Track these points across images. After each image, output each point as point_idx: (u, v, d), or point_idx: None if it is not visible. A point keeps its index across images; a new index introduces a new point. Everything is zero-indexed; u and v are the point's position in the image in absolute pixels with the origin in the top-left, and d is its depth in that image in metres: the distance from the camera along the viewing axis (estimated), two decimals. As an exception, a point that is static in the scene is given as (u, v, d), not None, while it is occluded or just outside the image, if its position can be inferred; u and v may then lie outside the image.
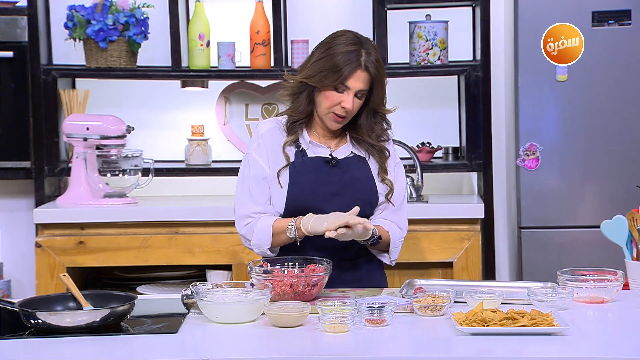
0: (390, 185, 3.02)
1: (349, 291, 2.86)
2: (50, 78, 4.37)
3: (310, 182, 2.95)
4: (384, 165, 3.02)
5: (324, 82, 2.90)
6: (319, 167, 2.97)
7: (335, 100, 2.91)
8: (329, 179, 2.97)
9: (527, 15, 4.17)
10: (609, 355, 2.29)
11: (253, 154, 3.01)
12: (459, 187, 4.65)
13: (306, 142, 3.00)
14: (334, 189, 2.96)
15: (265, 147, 2.99)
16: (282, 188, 2.95)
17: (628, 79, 4.16)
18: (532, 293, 2.67)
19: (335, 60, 2.89)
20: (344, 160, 3.00)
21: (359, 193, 2.98)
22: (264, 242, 2.94)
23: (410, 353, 2.36)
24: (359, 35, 2.96)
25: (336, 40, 2.93)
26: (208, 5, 4.48)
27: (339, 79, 2.88)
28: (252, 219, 2.97)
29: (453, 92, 4.61)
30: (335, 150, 3.02)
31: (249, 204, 2.98)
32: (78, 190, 4.29)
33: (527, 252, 4.21)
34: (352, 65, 2.88)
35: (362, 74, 2.89)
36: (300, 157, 2.98)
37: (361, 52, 2.90)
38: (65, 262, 4.16)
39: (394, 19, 4.45)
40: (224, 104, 4.63)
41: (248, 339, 2.46)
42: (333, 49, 2.91)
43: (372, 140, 3.01)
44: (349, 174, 2.99)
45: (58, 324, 2.45)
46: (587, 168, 4.19)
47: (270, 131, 3.01)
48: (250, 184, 2.99)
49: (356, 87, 2.90)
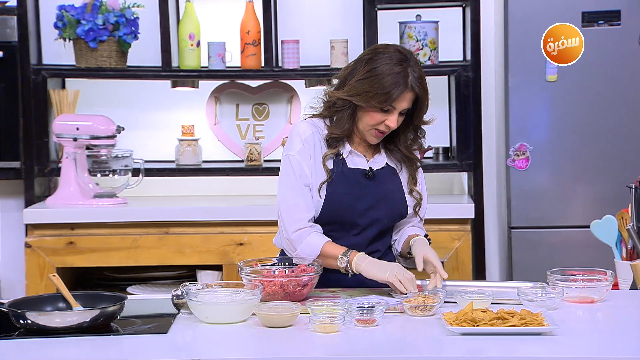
0: (418, 198, 3.00)
1: (339, 291, 2.86)
2: (40, 78, 4.36)
3: (348, 194, 2.93)
4: (415, 176, 3.00)
5: (370, 102, 2.85)
6: (357, 180, 2.95)
7: (379, 119, 2.88)
8: (365, 192, 2.95)
9: (518, 16, 4.18)
10: (598, 355, 2.30)
11: (297, 156, 2.93)
12: (449, 187, 4.66)
13: (347, 151, 2.97)
14: (369, 203, 2.94)
15: (309, 152, 2.94)
16: (321, 199, 2.93)
17: (618, 79, 4.17)
18: (522, 293, 2.67)
19: (383, 82, 2.83)
20: (379, 171, 2.98)
21: (391, 207, 2.97)
22: (307, 256, 2.89)
23: (400, 353, 2.36)
24: (403, 51, 2.90)
25: (381, 59, 2.86)
26: (198, 5, 4.48)
27: (387, 101, 2.84)
28: (304, 229, 2.91)
29: (443, 93, 4.62)
30: (371, 160, 2.99)
31: (302, 209, 2.91)
32: (68, 190, 4.28)
33: (517, 252, 4.22)
34: (401, 88, 2.83)
35: (408, 95, 2.86)
36: (340, 167, 2.95)
37: (407, 72, 2.84)
38: (55, 262, 4.15)
39: (385, 19, 4.45)
40: (214, 104, 4.63)
41: (238, 339, 2.45)
42: (379, 70, 2.84)
43: (405, 151, 2.98)
44: (383, 186, 2.97)
45: (48, 324, 2.45)
46: (577, 168, 4.21)
47: (313, 136, 2.95)
48: (298, 187, 2.93)
49: (402, 107, 2.87)
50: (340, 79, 2.95)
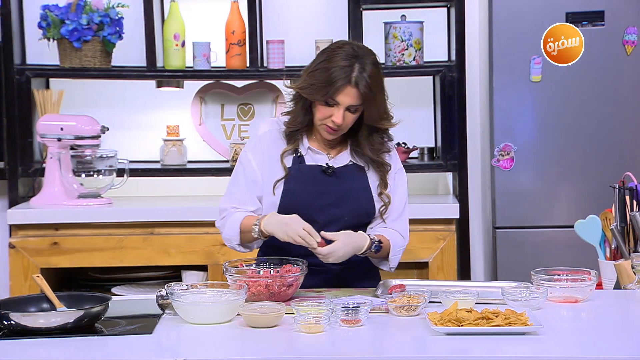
0: (387, 202, 2.99)
1: (324, 291, 2.86)
2: (24, 78, 4.34)
3: (304, 192, 2.93)
4: (385, 179, 2.99)
5: (314, 95, 2.86)
6: (315, 177, 2.95)
7: (326, 114, 2.88)
8: (324, 189, 2.94)
9: (502, 16, 4.19)
10: (582, 354, 2.30)
11: (248, 154, 2.98)
12: (434, 187, 4.66)
13: (305, 148, 2.97)
14: (328, 200, 2.94)
15: (262, 150, 2.96)
16: (275, 196, 2.93)
17: (601, 80, 4.19)
18: (506, 293, 2.68)
19: (327, 75, 2.84)
20: (342, 169, 2.97)
21: (355, 204, 2.96)
22: (233, 237, 2.92)
23: (385, 353, 2.36)
24: (359, 49, 2.89)
25: (334, 53, 2.87)
26: (183, 5, 4.47)
27: (328, 93, 2.84)
28: (228, 213, 2.95)
29: (428, 93, 4.63)
30: (334, 157, 2.98)
31: (230, 200, 2.97)
32: (52, 190, 4.27)
33: (501, 252, 4.23)
34: (342, 81, 2.83)
35: (351, 90, 2.84)
36: (298, 164, 2.95)
37: (354, 68, 2.84)
38: (39, 263, 4.13)
39: (369, 19, 4.46)
40: (199, 104, 4.62)
41: (223, 339, 2.45)
42: (327, 62, 2.86)
43: (371, 154, 2.97)
44: (345, 184, 2.96)
45: (31, 325, 2.44)
46: (561, 168, 4.22)
47: (270, 134, 2.97)
48: (238, 181, 2.98)
49: (346, 102, 2.86)
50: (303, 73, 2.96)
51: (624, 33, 4.17)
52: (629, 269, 2.86)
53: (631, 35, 4.17)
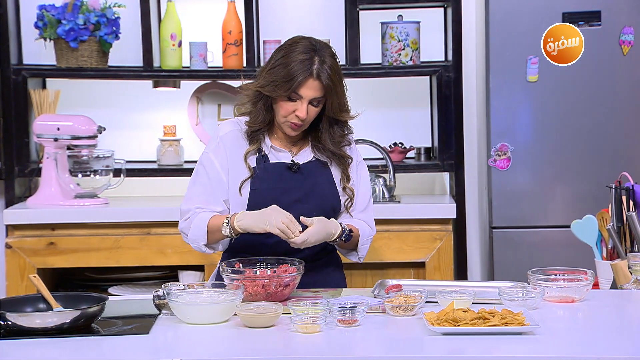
0: (351, 195, 3.00)
1: (321, 291, 2.86)
2: (21, 78, 4.34)
3: (271, 189, 2.93)
4: (347, 172, 3.00)
5: (276, 91, 2.86)
6: (280, 174, 2.95)
7: (289, 110, 2.88)
8: (291, 185, 2.95)
9: (499, 16, 4.19)
10: (578, 354, 2.30)
11: (210, 154, 2.97)
12: (431, 187, 4.67)
13: (268, 147, 2.97)
14: (296, 196, 2.94)
15: (225, 151, 2.96)
16: (242, 196, 2.93)
17: (598, 80, 4.19)
18: (503, 293, 2.68)
19: (287, 70, 2.84)
20: (306, 165, 2.98)
21: (321, 199, 2.96)
22: (199, 237, 2.91)
23: (381, 353, 2.36)
24: (316, 42, 2.90)
25: (291, 48, 2.88)
26: (180, 5, 4.47)
27: (291, 88, 2.84)
28: (192, 214, 2.94)
29: (425, 93, 4.63)
30: (297, 154, 2.99)
31: (193, 201, 2.95)
32: (49, 190, 4.27)
33: (498, 252, 4.23)
34: (304, 74, 2.83)
35: (314, 83, 2.85)
36: (262, 162, 2.95)
37: (314, 60, 2.85)
38: (35, 263, 4.13)
39: (366, 19, 4.46)
40: (196, 104, 4.62)
41: (220, 339, 2.45)
42: (286, 58, 2.86)
43: (333, 148, 2.97)
44: (310, 179, 2.97)
45: (28, 325, 2.44)
46: (558, 168, 4.22)
47: (232, 134, 2.97)
48: (200, 182, 2.96)
49: (309, 95, 2.86)
50: (259, 72, 2.96)
51: (621, 33, 4.17)
52: (625, 269, 2.86)
53: (628, 35, 4.17)
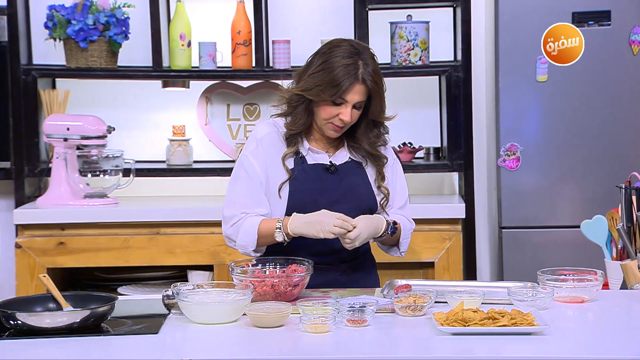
0: (386, 194, 3.01)
1: (330, 291, 2.86)
2: (30, 78, 4.35)
3: (310, 190, 2.93)
4: (382, 172, 3.01)
5: (321, 96, 2.86)
6: (318, 175, 2.95)
7: (333, 113, 2.89)
8: (329, 186, 2.95)
9: (508, 16, 4.18)
10: (588, 354, 2.30)
11: (249, 157, 2.96)
12: (440, 187, 4.66)
13: (305, 149, 2.97)
14: (334, 197, 2.94)
15: (264, 152, 2.95)
16: (282, 198, 2.93)
17: (608, 80, 4.18)
18: (512, 293, 2.68)
19: (333, 75, 2.84)
20: (342, 166, 2.99)
21: (358, 199, 2.97)
22: (249, 243, 2.91)
23: (391, 353, 2.36)
24: (357, 45, 2.91)
25: (333, 52, 2.88)
26: (189, 5, 4.48)
27: (337, 93, 2.85)
28: (239, 220, 2.93)
29: (434, 93, 4.62)
30: (334, 155, 2.99)
31: (237, 205, 2.94)
32: (58, 190, 4.27)
33: (507, 252, 4.23)
34: (350, 80, 2.84)
35: (360, 87, 2.86)
36: (300, 164, 2.95)
37: (358, 65, 2.85)
38: (45, 262, 4.14)
39: (375, 19, 4.46)
40: (205, 104, 4.62)
41: (229, 339, 2.45)
42: (330, 62, 2.86)
43: (369, 148, 2.98)
44: (347, 180, 2.97)
45: (38, 325, 2.44)
46: (567, 168, 4.22)
47: (270, 136, 2.97)
48: (242, 186, 2.95)
49: (354, 99, 2.87)
50: (298, 75, 2.96)
51: (631, 33, 4.16)
52: (635, 269, 2.85)
53: (637, 35, 4.16)
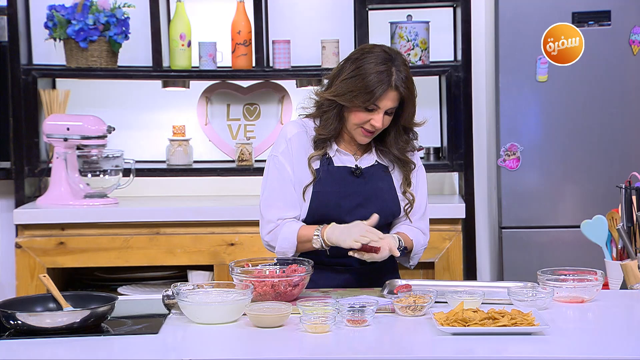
0: (411, 200, 3.00)
1: (330, 291, 2.87)
2: (31, 78, 4.35)
3: (334, 193, 2.94)
4: (409, 177, 3.00)
5: (354, 102, 2.86)
6: (343, 178, 2.95)
7: (364, 119, 2.88)
8: (353, 190, 2.95)
9: (508, 16, 4.19)
10: (588, 354, 2.30)
11: (280, 157, 2.96)
12: (440, 187, 4.66)
13: (333, 150, 2.97)
14: (357, 201, 2.95)
15: (292, 152, 2.95)
16: (305, 201, 2.94)
17: (608, 80, 4.18)
18: (512, 293, 2.68)
19: (366, 81, 2.83)
20: (368, 169, 2.98)
21: (382, 204, 2.97)
22: (288, 249, 2.92)
23: (391, 353, 2.36)
24: (389, 51, 2.90)
25: (366, 58, 2.87)
26: (189, 5, 4.48)
27: (371, 100, 2.84)
28: (276, 225, 2.94)
29: (434, 93, 4.62)
30: (360, 158, 2.99)
31: (274, 209, 2.94)
32: (58, 190, 4.28)
33: (507, 252, 4.23)
34: (384, 87, 2.83)
35: (393, 94, 2.86)
36: (326, 165, 2.95)
37: (392, 71, 2.85)
38: (45, 262, 4.14)
39: (375, 19, 4.46)
40: (205, 104, 4.62)
41: (229, 339, 2.45)
42: (363, 68, 2.85)
43: (397, 153, 2.97)
44: (372, 184, 2.97)
45: (38, 325, 2.44)
46: (568, 168, 4.22)
47: (298, 136, 2.97)
48: (277, 188, 2.95)
49: (387, 106, 2.87)
50: (329, 79, 2.96)
51: (631, 33, 4.16)
52: (635, 269, 2.85)
53: (637, 35, 4.16)
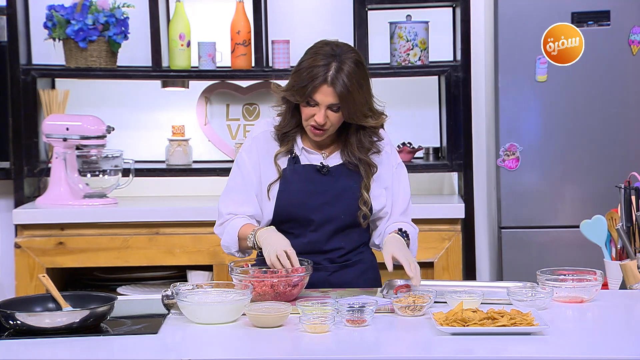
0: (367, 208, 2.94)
1: (329, 291, 2.86)
2: (30, 78, 4.35)
3: (300, 191, 2.93)
4: (368, 180, 2.95)
5: (295, 97, 2.87)
6: (310, 176, 2.94)
7: (309, 114, 2.88)
8: (320, 188, 2.94)
9: (508, 16, 4.19)
10: (587, 354, 2.30)
11: (243, 154, 2.98)
12: (439, 187, 4.66)
13: (299, 148, 2.97)
14: (324, 199, 2.93)
15: (257, 151, 2.96)
16: (270, 198, 2.93)
17: (607, 80, 4.18)
18: (511, 293, 2.68)
19: (302, 76, 2.84)
20: (336, 168, 2.97)
21: (349, 202, 2.95)
22: (231, 244, 2.93)
23: (390, 353, 2.36)
24: (337, 48, 2.88)
25: (308, 54, 2.89)
26: (188, 5, 4.48)
27: (305, 94, 2.84)
28: (225, 220, 2.95)
29: (433, 93, 4.62)
30: (328, 157, 2.98)
31: (228, 204, 2.96)
32: (58, 190, 4.27)
33: (507, 252, 4.23)
34: (317, 81, 2.82)
35: (328, 89, 2.83)
36: (292, 164, 2.95)
37: (330, 67, 2.83)
38: (44, 262, 4.14)
39: (375, 19, 4.46)
40: (204, 104, 4.62)
41: (228, 339, 2.45)
42: (303, 63, 2.87)
43: (359, 153, 2.95)
44: (340, 182, 2.95)
45: (37, 325, 2.44)
46: (567, 168, 4.22)
47: (264, 135, 2.98)
48: (234, 183, 2.97)
49: (325, 101, 2.84)
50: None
51: (630, 33, 4.16)
52: (634, 269, 2.85)
53: (637, 35, 4.16)
